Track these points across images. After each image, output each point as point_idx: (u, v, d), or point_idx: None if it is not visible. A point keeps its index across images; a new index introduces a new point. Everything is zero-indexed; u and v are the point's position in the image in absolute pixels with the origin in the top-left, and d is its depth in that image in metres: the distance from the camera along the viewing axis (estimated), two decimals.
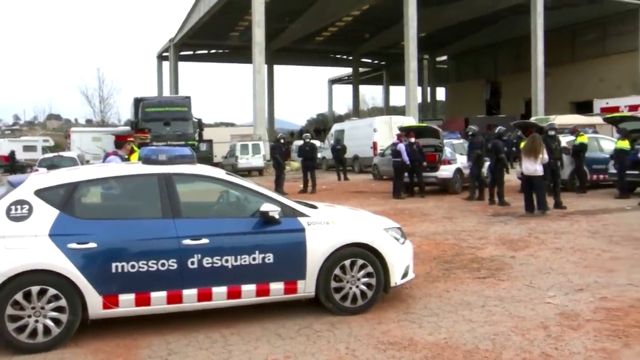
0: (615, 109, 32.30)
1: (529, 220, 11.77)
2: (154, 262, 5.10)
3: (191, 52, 60.84)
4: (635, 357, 4.51)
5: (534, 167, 12.41)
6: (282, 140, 21.52)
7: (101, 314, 5.07)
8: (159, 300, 5.15)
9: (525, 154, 12.64)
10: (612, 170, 16.16)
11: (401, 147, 17.07)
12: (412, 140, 17.19)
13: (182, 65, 58.40)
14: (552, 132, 14.20)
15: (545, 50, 40.45)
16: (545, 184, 12.93)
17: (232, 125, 59.04)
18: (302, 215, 5.67)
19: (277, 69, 64.55)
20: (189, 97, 28.99)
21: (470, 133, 16.74)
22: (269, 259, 5.40)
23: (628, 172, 15.09)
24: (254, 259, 5.36)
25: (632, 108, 31.79)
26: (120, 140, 8.30)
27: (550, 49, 41.67)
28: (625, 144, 15.46)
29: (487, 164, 15.63)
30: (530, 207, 12.61)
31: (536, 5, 39.50)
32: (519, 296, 6.24)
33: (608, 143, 18.02)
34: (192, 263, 5.19)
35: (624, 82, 41.52)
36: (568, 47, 49.31)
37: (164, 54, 58.21)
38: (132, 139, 8.48)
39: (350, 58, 66.05)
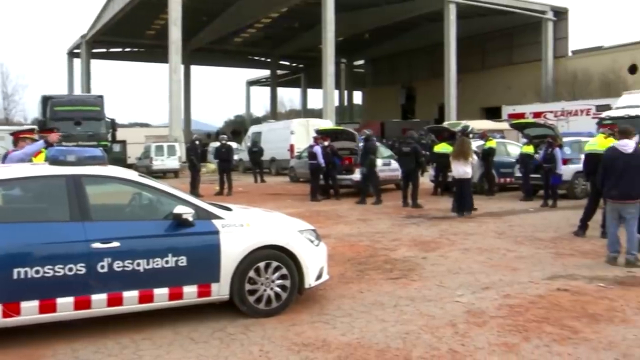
0: (521, 115, 33.84)
1: (441, 222, 12.16)
2: (61, 266, 4.90)
3: (104, 50, 58.96)
4: (533, 350, 4.76)
5: (463, 169, 12.83)
6: (198, 142, 21.21)
7: (1, 324, 4.82)
8: (65, 306, 4.95)
9: (455, 157, 13.04)
10: (518, 174, 16.95)
11: (317, 149, 17.22)
12: (326, 143, 17.36)
13: (94, 63, 56.47)
14: (459, 135, 14.71)
15: (458, 57, 41.88)
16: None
17: (147, 125, 57.51)
18: (216, 217, 5.62)
19: (195, 69, 63.80)
20: (101, 96, 28.04)
21: (364, 137, 17.07)
22: (182, 262, 5.32)
23: (532, 175, 15.86)
24: (166, 262, 5.26)
25: (536, 115, 33.43)
26: (16, 138, 7.88)
27: (462, 57, 43.19)
28: (530, 149, 16.23)
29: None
30: (459, 209, 13.01)
31: (449, 14, 40.88)
32: (430, 295, 6.43)
33: (514, 148, 18.91)
34: (102, 267, 5.03)
35: (529, 90, 43.62)
36: (479, 55, 51.36)
37: (75, 51, 56.09)
38: (29, 135, 8.05)
39: (269, 60, 66.08)
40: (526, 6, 43.76)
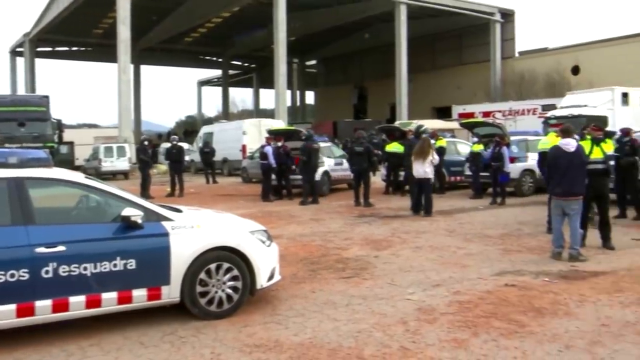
0: (471, 114, 34.52)
1: (392, 221, 12.28)
2: (2, 273, 4.74)
3: (50, 49, 57.41)
4: (481, 345, 4.86)
5: (423, 169, 12.94)
6: (148, 143, 20.87)
7: None
8: (6, 314, 4.77)
9: (415, 157, 13.13)
10: (468, 172, 17.27)
11: (268, 149, 17.17)
12: (279, 143, 17.33)
13: (39, 62, 55.01)
14: (425, 135, 14.84)
15: (409, 57, 42.36)
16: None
17: (96, 126, 56.30)
18: (166, 219, 5.54)
19: (145, 68, 62.73)
20: (47, 97, 27.26)
21: (303, 137, 17.13)
22: (131, 265, 5.23)
23: (481, 174, 16.18)
24: (115, 265, 5.16)
25: (485, 114, 34.16)
26: None
27: (414, 57, 43.72)
28: (479, 148, 16.56)
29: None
30: (416, 209, 13.12)
31: (400, 15, 41.31)
32: (381, 294, 6.49)
33: (464, 147, 19.25)
34: (47, 272, 4.89)
35: (479, 90, 44.50)
36: (429, 56, 52.10)
37: (18, 49, 54.43)
38: None
39: (220, 60, 65.55)
40: (474, 8, 44.60)
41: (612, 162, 9.85)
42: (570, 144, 8.14)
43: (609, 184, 9.54)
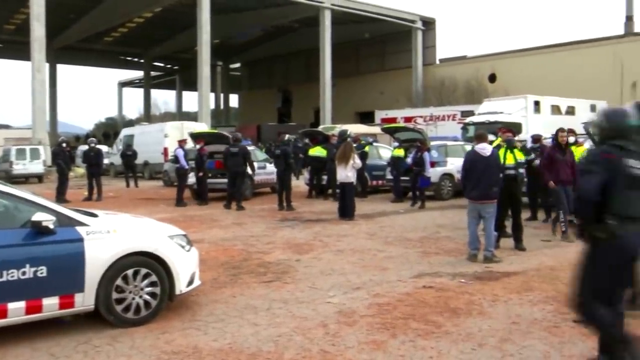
0: (393, 119, 35.23)
1: (315, 225, 12.35)
2: None
3: None
4: (399, 346, 4.96)
5: (345, 173, 13.03)
6: (65, 145, 20.12)
7: None
8: None
9: (338, 161, 13.22)
10: (389, 177, 17.60)
11: (179, 152, 16.87)
12: (198, 146, 17.06)
13: None
14: (349, 140, 14.96)
15: (333, 62, 42.76)
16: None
17: (8, 127, 53.68)
18: (81, 224, 5.35)
19: (62, 68, 60.52)
20: None
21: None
22: (41, 273, 5.00)
23: (402, 178, 16.52)
24: (23, 273, 4.92)
25: (407, 119, 34.97)
26: None
27: (338, 62, 44.18)
28: (400, 152, 16.92)
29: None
30: (341, 213, 13.18)
31: (324, 20, 41.64)
32: (302, 297, 6.51)
33: (386, 151, 19.61)
34: None
35: (401, 96, 45.46)
36: (353, 61, 52.83)
37: None
38: None
39: (142, 61, 64.00)
40: (397, 15, 45.55)
41: (521, 170, 10.28)
42: (486, 149, 8.45)
43: (520, 188, 9.99)
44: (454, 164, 15.98)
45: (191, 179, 17.02)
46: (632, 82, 35.81)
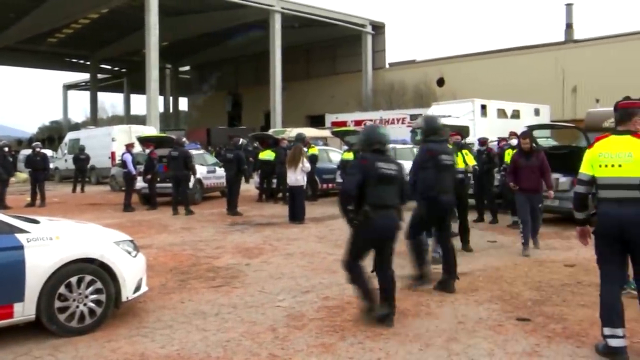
0: (344, 123, 35.45)
1: (265, 228, 12.31)
2: None
3: None
4: (348, 348, 4.99)
5: (295, 177, 13.03)
6: (6, 149, 19.49)
7: None
8: None
9: (288, 165, 13.22)
10: (339, 180, 17.66)
11: (126, 157, 16.60)
12: (147, 150, 16.81)
13: None
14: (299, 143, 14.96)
15: (284, 65, 42.80)
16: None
17: None
18: (21, 231, 5.19)
19: (3, 69, 58.57)
20: None
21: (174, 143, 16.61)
22: None
23: None
24: None
25: (357, 123, 35.15)
26: None
27: (288, 65, 44.25)
28: (350, 156, 16.99)
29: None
30: (294, 216, 13.15)
31: (274, 23, 41.64)
32: (252, 302, 6.48)
33: (336, 154, 19.70)
34: None
35: (351, 99, 45.82)
36: (304, 65, 53.00)
37: None
38: None
39: (88, 63, 62.58)
40: (347, 19, 45.92)
41: (469, 174, 10.45)
42: None
43: (467, 191, 10.17)
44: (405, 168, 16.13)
45: (139, 183, 16.73)
46: (573, 87, 37.06)
